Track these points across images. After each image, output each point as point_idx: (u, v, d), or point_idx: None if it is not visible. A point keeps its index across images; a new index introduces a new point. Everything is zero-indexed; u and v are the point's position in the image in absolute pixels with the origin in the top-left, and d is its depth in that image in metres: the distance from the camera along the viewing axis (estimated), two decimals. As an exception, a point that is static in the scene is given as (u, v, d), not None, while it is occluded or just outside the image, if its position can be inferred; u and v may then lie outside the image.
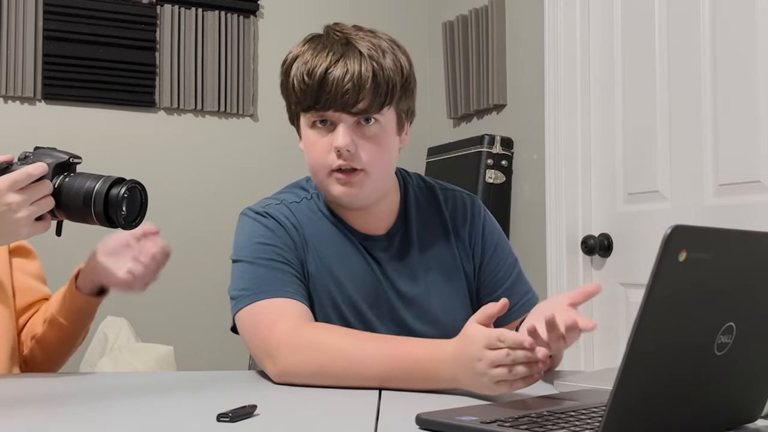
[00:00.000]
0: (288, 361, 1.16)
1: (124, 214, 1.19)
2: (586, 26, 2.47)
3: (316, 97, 1.25)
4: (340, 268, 1.32)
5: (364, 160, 1.26)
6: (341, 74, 1.23)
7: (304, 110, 1.28)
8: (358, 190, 1.28)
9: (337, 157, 1.26)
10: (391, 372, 1.11)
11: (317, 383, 1.15)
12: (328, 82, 1.23)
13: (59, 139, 2.78)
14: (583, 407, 0.88)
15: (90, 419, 0.93)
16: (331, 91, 1.23)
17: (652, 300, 0.66)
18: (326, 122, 1.27)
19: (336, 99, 1.23)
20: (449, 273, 1.38)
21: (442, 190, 1.44)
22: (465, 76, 2.97)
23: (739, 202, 1.98)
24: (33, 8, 2.75)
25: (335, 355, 1.14)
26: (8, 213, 1.13)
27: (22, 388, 1.16)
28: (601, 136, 2.42)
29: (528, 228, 2.66)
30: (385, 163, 1.30)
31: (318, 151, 1.28)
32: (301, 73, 1.26)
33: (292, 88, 1.28)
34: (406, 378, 1.10)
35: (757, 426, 0.86)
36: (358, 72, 1.23)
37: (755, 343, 0.79)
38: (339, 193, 1.28)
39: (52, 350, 1.39)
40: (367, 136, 1.27)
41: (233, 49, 3.02)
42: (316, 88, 1.24)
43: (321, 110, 1.26)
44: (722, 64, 2.02)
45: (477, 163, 2.72)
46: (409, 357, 1.11)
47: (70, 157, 1.21)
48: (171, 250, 1.36)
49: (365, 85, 1.23)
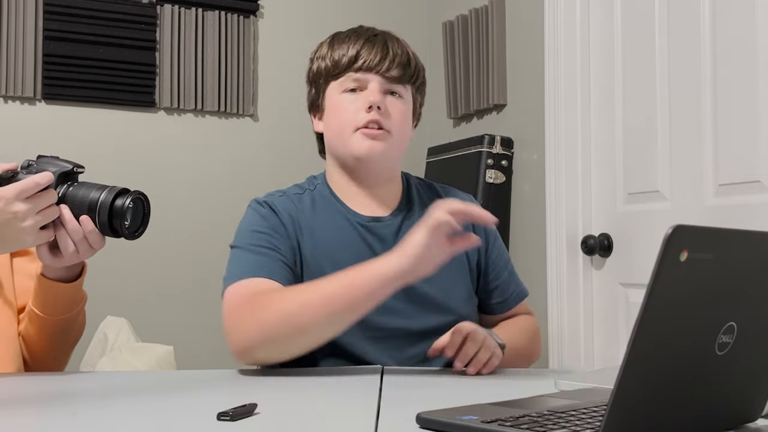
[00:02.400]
0: (245, 333, 1.21)
1: (127, 225, 1.20)
2: (586, 26, 2.47)
3: (356, 58, 1.40)
4: (339, 251, 1.38)
5: (394, 120, 1.40)
6: (381, 44, 1.41)
7: (340, 73, 1.41)
8: (382, 147, 1.38)
9: (368, 112, 1.38)
10: (333, 302, 1.19)
11: (276, 346, 1.21)
12: (364, 49, 1.40)
13: (59, 139, 2.80)
14: (584, 406, 0.88)
15: (90, 419, 0.93)
16: (367, 56, 1.39)
17: (653, 300, 0.66)
18: (355, 90, 1.40)
19: (372, 62, 1.39)
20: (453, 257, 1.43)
21: (440, 186, 1.55)
22: (465, 76, 2.97)
23: (739, 202, 1.98)
24: (33, 8, 2.75)
25: (284, 306, 1.21)
26: (14, 221, 1.14)
27: (22, 388, 1.16)
28: (601, 136, 2.42)
29: (528, 228, 2.66)
30: (404, 134, 1.44)
31: (348, 111, 1.40)
32: (334, 47, 1.42)
33: (329, 59, 1.42)
34: (349, 301, 1.19)
35: (757, 425, 0.86)
36: (396, 47, 1.43)
37: (756, 342, 0.79)
38: (365, 149, 1.38)
39: (35, 346, 1.35)
40: (394, 103, 1.41)
41: (233, 49, 3.02)
42: (359, 50, 1.40)
43: (359, 71, 1.40)
44: (722, 64, 2.02)
45: (477, 163, 2.72)
46: (344, 282, 1.19)
47: (73, 166, 1.22)
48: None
49: (397, 57, 1.41)
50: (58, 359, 1.40)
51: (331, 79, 1.42)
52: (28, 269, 1.42)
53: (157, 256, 2.89)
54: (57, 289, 1.29)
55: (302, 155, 3.11)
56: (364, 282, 1.18)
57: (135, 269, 2.86)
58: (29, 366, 1.38)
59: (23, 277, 1.40)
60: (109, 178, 1.32)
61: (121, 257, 2.72)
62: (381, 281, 1.18)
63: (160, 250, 2.88)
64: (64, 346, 1.39)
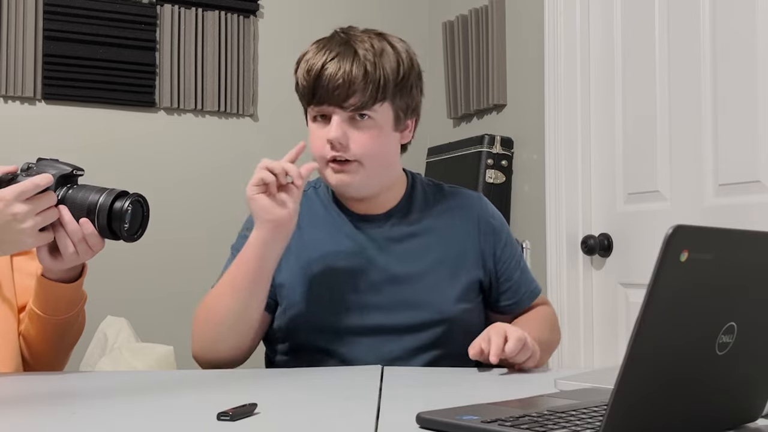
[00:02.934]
0: (192, 336, 1.35)
1: (126, 227, 1.20)
2: (586, 26, 2.47)
3: (313, 92, 1.36)
4: (327, 248, 1.42)
5: (356, 152, 1.36)
6: (334, 71, 1.33)
7: (306, 104, 1.40)
8: (351, 178, 1.37)
9: (330, 149, 1.35)
10: (236, 283, 1.32)
11: (215, 339, 1.34)
12: (323, 78, 1.34)
13: (59, 139, 2.80)
14: (584, 406, 0.88)
15: (90, 419, 0.93)
16: (324, 86, 1.34)
17: (653, 300, 0.66)
18: (325, 117, 1.37)
19: (329, 94, 1.34)
20: (447, 253, 1.46)
21: (449, 187, 1.54)
22: (465, 76, 2.97)
23: (739, 202, 1.98)
24: (33, 8, 2.75)
25: (207, 302, 1.35)
26: (14, 223, 1.14)
27: (21, 388, 1.16)
28: (601, 136, 2.42)
29: (528, 228, 2.66)
30: (380, 156, 1.39)
31: (317, 143, 1.39)
32: (303, 70, 1.38)
33: (297, 85, 1.41)
34: (249, 279, 1.32)
35: (757, 425, 0.86)
36: (349, 70, 1.33)
37: (756, 342, 0.79)
38: (334, 181, 1.38)
39: (36, 345, 1.35)
40: (361, 129, 1.36)
41: (233, 49, 3.02)
42: (312, 83, 1.35)
43: (317, 105, 1.37)
44: (722, 64, 2.02)
45: (477, 163, 2.72)
46: (239, 264, 1.32)
47: (73, 169, 1.23)
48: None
49: (355, 83, 1.33)
50: (58, 359, 1.40)
51: (303, 104, 1.42)
52: (28, 268, 1.42)
53: (157, 256, 2.89)
54: (57, 289, 1.29)
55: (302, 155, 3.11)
56: (248, 257, 1.31)
57: (135, 269, 2.86)
58: (29, 365, 1.38)
59: (23, 276, 1.40)
60: (108, 178, 1.33)
61: (121, 257, 2.72)
62: (255, 252, 1.30)
63: (160, 250, 2.88)
64: (64, 345, 1.39)
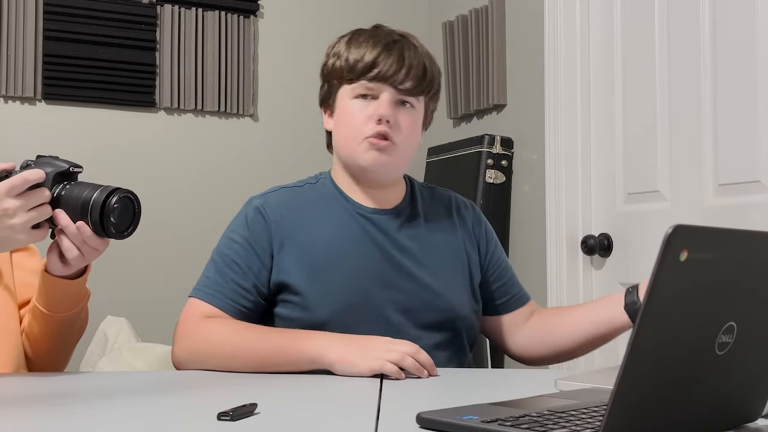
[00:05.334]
0: (181, 349, 1.34)
1: (114, 223, 1.19)
2: (586, 26, 2.47)
3: (371, 67, 1.38)
4: (339, 241, 1.41)
5: (399, 133, 1.39)
6: (398, 54, 1.39)
7: (353, 79, 1.40)
8: (387, 158, 1.39)
9: (377, 124, 1.37)
10: (262, 359, 1.28)
11: (205, 368, 1.31)
12: (388, 57, 1.38)
13: (59, 139, 2.80)
14: (584, 406, 0.88)
15: (90, 419, 0.93)
16: (387, 65, 1.37)
17: (653, 299, 0.66)
18: (367, 97, 1.39)
19: (389, 73, 1.37)
20: (454, 253, 1.48)
21: (442, 190, 1.57)
22: (465, 76, 2.97)
23: (739, 202, 1.98)
24: (33, 8, 2.75)
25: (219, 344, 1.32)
26: (4, 218, 1.13)
27: (21, 388, 1.16)
28: (601, 136, 2.42)
29: (528, 228, 2.66)
30: (411, 145, 1.44)
31: (357, 119, 1.39)
32: (359, 43, 1.40)
33: (345, 60, 1.40)
34: (274, 363, 1.28)
35: (757, 425, 0.86)
36: (413, 57, 1.40)
37: (756, 342, 0.79)
38: (371, 158, 1.39)
39: (39, 343, 1.34)
40: (403, 114, 1.41)
41: (233, 49, 3.02)
42: (375, 57, 1.38)
43: (373, 80, 1.38)
44: (722, 65, 2.02)
45: (477, 163, 2.72)
46: (276, 345, 1.29)
47: (70, 166, 1.21)
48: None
49: (415, 69, 1.39)
50: (62, 356, 1.40)
51: (344, 81, 1.42)
52: (28, 264, 1.41)
53: (158, 256, 2.89)
54: (61, 286, 1.28)
55: (302, 155, 3.11)
56: (291, 356, 1.27)
57: (135, 269, 2.86)
58: (32, 363, 1.38)
59: (23, 273, 1.40)
60: (108, 178, 1.32)
61: (121, 257, 2.72)
62: (305, 360, 1.26)
63: (160, 250, 2.88)
64: (68, 342, 1.39)
